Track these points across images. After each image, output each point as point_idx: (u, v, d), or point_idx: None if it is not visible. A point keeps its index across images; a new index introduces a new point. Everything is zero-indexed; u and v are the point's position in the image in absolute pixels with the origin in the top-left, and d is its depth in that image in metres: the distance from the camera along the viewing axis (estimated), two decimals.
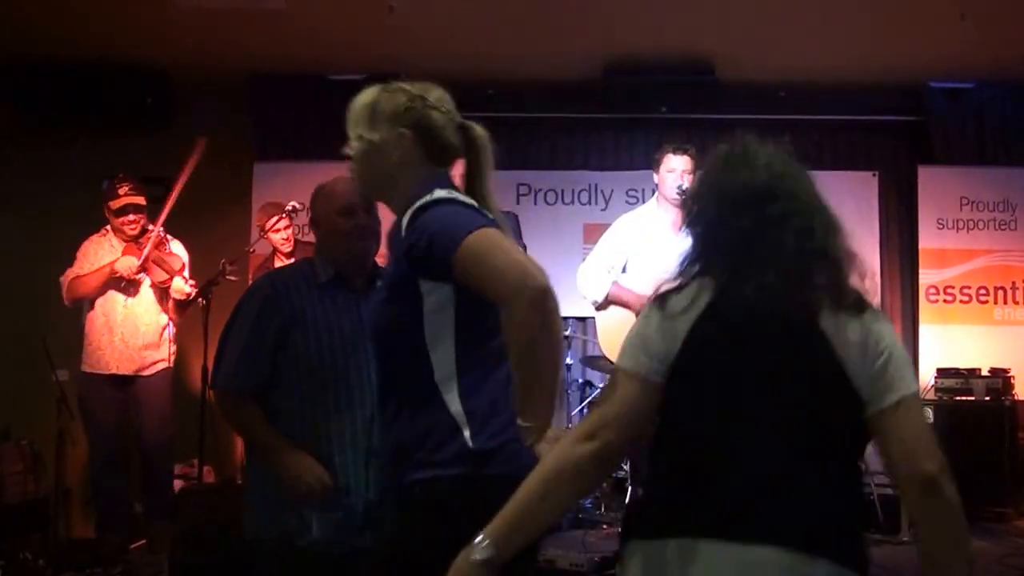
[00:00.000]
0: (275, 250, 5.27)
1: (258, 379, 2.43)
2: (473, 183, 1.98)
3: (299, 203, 4.94)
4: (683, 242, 2.41)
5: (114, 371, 4.75)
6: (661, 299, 1.63)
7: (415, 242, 1.84)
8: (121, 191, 4.79)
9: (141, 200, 4.83)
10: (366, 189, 2.13)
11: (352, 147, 2.02)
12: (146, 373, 4.81)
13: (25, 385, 5.70)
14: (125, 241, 4.83)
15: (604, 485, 5.60)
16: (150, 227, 4.85)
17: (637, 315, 4.19)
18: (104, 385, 4.76)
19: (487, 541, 1.52)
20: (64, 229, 6.15)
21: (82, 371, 4.84)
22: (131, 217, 4.78)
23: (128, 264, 4.66)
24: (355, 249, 2.48)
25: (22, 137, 6.27)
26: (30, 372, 5.57)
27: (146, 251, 4.68)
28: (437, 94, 2.03)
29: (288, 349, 2.41)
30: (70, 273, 4.80)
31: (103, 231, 4.94)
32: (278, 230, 5.09)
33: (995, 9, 5.30)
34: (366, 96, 2.03)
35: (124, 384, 4.79)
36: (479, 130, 2.04)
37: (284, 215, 5.04)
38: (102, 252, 4.84)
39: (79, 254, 4.90)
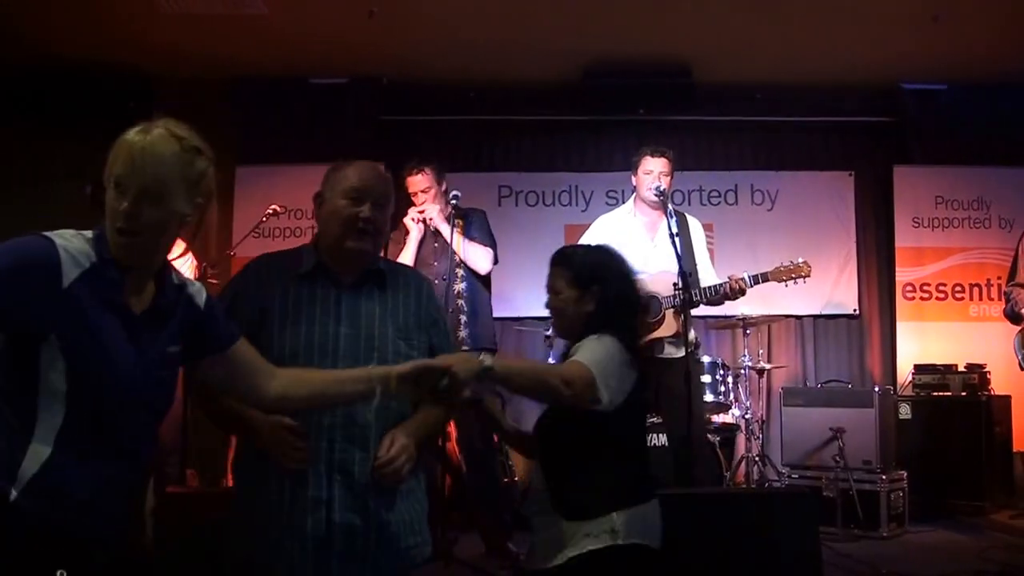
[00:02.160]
0: None
1: None
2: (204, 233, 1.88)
3: (279, 206, 4.95)
4: (660, 243, 2.81)
5: None
6: (626, 348, 2.36)
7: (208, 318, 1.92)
8: None
9: None
10: (144, 261, 1.76)
11: (148, 214, 1.69)
12: None
13: None
14: None
15: None
16: None
17: None
18: None
19: (492, 359, 2.06)
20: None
21: None
22: None
23: None
24: (347, 245, 2.23)
25: (4, 142, 6.25)
26: None
27: None
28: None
29: (259, 341, 2.12)
30: None
31: None
32: None
33: (966, 12, 5.40)
34: (171, 155, 1.74)
35: None
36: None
37: (264, 219, 5.05)
38: None
39: None
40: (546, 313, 2.52)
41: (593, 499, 2.29)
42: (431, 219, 4.57)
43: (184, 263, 4.87)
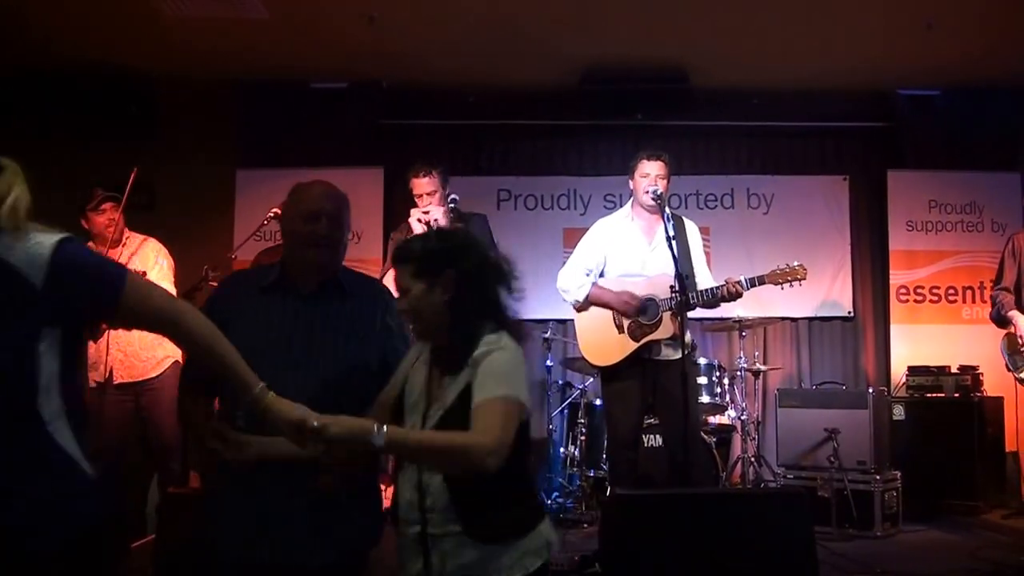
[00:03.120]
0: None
1: (200, 375, 2.41)
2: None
3: (279, 209, 4.98)
4: (657, 247, 2.67)
5: (118, 380, 4.73)
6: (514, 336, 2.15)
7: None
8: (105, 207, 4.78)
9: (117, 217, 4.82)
10: None
11: None
12: (154, 374, 4.78)
13: None
14: (113, 247, 4.80)
15: (584, 485, 5.70)
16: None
17: (616, 314, 4.31)
18: (111, 395, 4.71)
19: (384, 439, 1.92)
20: None
21: (88, 386, 4.80)
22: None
23: None
24: (307, 256, 2.43)
25: (6, 145, 6.28)
26: None
27: None
28: None
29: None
30: None
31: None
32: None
33: (959, 19, 5.46)
34: None
35: (132, 391, 4.77)
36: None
37: (265, 222, 5.09)
38: None
39: None
40: (545, 315, 2.52)
41: (524, 514, 2.12)
42: (435, 221, 4.60)
43: (149, 251, 4.86)
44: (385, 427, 1.93)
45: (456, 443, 1.98)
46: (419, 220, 4.62)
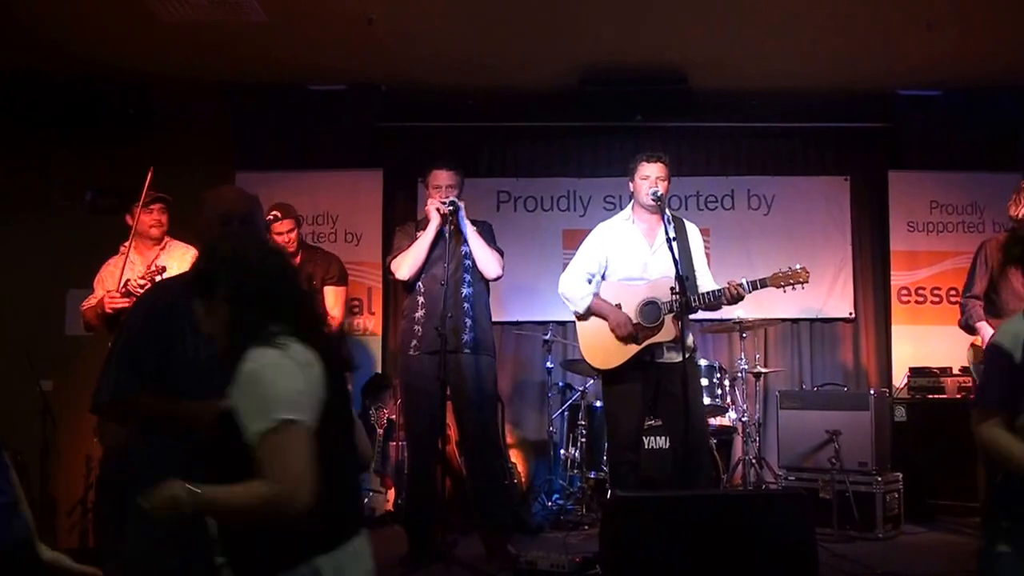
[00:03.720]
0: None
1: (139, 384, 2.38)
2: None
3: (278, 211, 4.97)
4: (658, 249, 2.50)
5: None
6: (286, 351, 1.88)
7: None
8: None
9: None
10: None
11: None
12: None
13: (9, 395, 5.71)
14: (151, 246, 4.79)
15: (585, 487, 5.69)
16: (123, 246, 4.71)
17: (612, 329, 4.29)
18: None
19: (191, 500, 1.79)
20: (46, 239, 6.18)
21: None
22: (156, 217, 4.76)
23: (109, 300, 4.43)
24: None
25: (4, 148, 6.28)
26: (14, 382, 5.59)
27: (121, 279, 4.46)
28: None
29: (176, 359, 2.28)
30: (83, 303, 4.66)
31: (120, 251, 4.70)
32: (280, 232, 4.99)
33: (959, 19, 5.44)
34: None
35: None
36: None
37: (292, 218, 5.06)
38: (119, 275, 4.52)
39: (95, 281, 4.70)
40: (545, 317, 2.46)
41: (288, 546, 1.83)
42: (451, 209, 4.57)
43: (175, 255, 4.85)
44: (184, 489, 1.80)
45: (256, 501, 1.79)
46: (438, 210, 4.60)
